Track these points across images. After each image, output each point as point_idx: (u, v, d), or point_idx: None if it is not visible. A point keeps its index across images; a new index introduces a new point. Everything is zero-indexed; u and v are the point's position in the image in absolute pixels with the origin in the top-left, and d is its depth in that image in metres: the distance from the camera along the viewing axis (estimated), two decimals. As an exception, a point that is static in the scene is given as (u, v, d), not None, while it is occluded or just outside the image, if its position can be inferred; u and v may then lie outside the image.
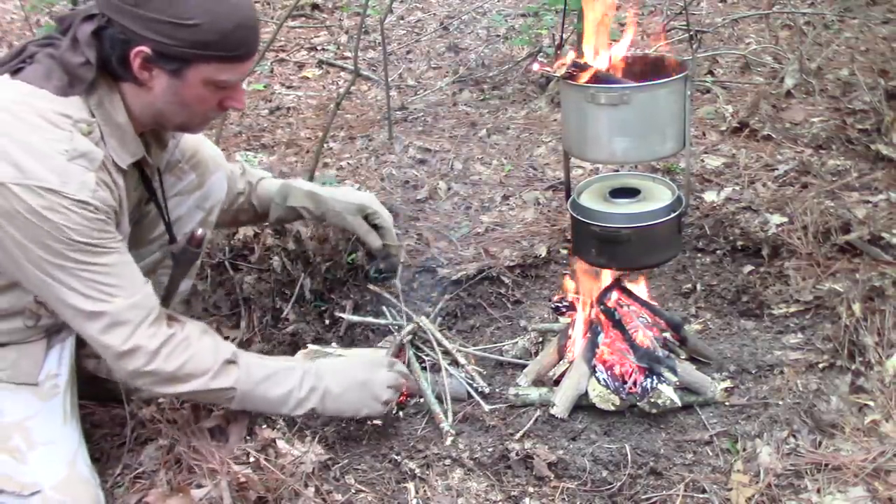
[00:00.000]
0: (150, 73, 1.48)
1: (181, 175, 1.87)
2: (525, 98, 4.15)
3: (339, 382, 1.76)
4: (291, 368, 1.73)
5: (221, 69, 1.49)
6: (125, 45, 1.44)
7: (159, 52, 1.44)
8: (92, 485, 1.58)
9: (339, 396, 1.74)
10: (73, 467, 1.55)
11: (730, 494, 1.69)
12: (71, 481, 1.53)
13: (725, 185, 2.88)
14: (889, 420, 1.83)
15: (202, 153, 1.90)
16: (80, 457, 1.59)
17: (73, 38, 1.47)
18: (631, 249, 1.90)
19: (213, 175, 1.91)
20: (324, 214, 2.02)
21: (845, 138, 3.12)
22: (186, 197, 1.88)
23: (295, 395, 1.70)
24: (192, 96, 1.52)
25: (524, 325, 2.42)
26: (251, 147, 3.65)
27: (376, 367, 1.83)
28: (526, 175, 3.25)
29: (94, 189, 1.45)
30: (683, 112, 1.83)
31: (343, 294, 2.54)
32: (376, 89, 4.46)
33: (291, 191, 2.03)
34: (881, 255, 2.33)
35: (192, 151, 1.88)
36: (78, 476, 1.55)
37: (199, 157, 1.89)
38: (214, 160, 1.93)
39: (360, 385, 1.77)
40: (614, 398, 1.93)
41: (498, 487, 1.75)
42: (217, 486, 1.61)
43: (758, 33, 4.76)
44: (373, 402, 1.79)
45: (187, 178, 1.87)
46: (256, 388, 1.66)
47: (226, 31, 1.44)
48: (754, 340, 2.24)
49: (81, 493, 1.54)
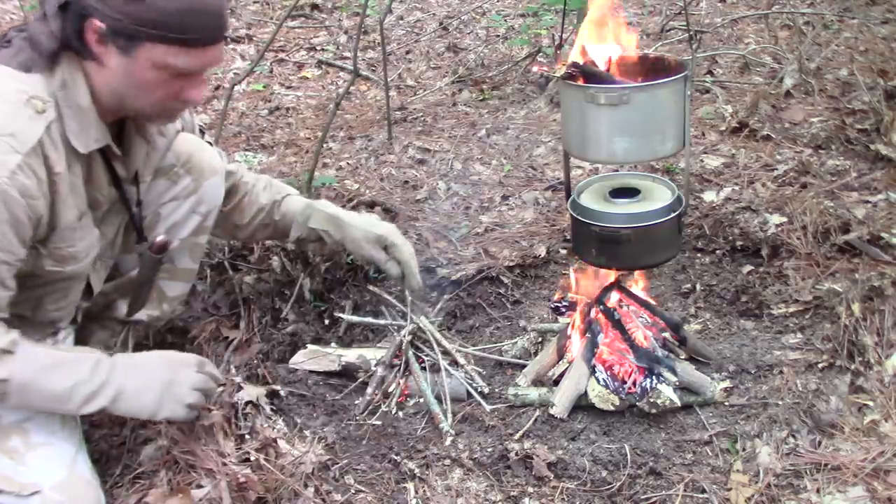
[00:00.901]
0: (104, 48, 1.45)
1: (176, 179, 1.84)
2: (524, 98, 4.15)
3: (137, 379, 1.56)
4: (81, 360, 1.54)
5: (170, 52, 1.44)
6: (82, 19, 1.42)
7: (111, 28, 1.41)
8: (93, 486, 1.57)
9: (135, 395, 1.55)
10: (73, 468, 1.55)
11: (729, 494, 1.70)
12: (71, 482, 1.52)
13: (725, 185, 2.88)
14: (888, 420, 1.83)
15: (198, 157, 1.87)
16: (80, 458, 1.59)
17: (43, 12, 1.45)
18: (631, 249, 1.91)
19: (209, 180, 1.88)
20: (343, 240, 1.99)
21: (844, 138, 3.12)
22: (182, 202, 1.86)
23: (82, 390, 1.50)
24: (145, 79, 1.47)
25: (524, 326, 2.42)
26: (250, 147, 3.65)
27: (183, 367, 1.64)
28: (525, 175, 3.25)
29: (13, 172, 1.38)
30: (683, 112, 1.83)
31: (342, 294, 2.54)
32: (376, 89, 4.46)
33: (315, 212, 2.00)
34: (880, 255, 2.33)
35: (188, 155, 1.85)
36: (78, 477, 1.55)
37: (194, 161, 1.85)
38: (211, 165, 1.89)
39: (163, 385, 1.59)
40: (614, 398, 1.93)
41: (497, 487, 1.76)
42: (217, 486, 1.61)
43: (757, 33, 4.76)
44: (175, 405, 1.60)
45: (182, 182, 1.85)
46: (36, 379, 1.47)
47: (173, 12, 1.40)
48: (754, 340, 2.24)
49: (82, 493, 1.53)
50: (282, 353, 2.27)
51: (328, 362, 2.19)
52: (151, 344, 2.19)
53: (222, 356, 2.14)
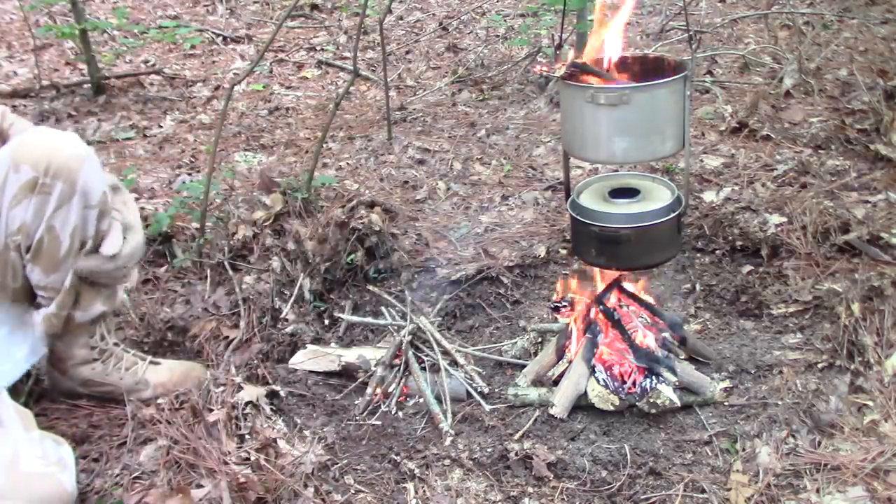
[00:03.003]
0: None
1: (49, 190, 1.67)
2: (524, 98, 4.16)
3: None
4: None
5: None
6: None
7: None
8: (48, 475, 1.52)
9: None
10: (16, 467, 1.50)
11: (729, 494, 1.70)
12: (17, 483, 1.48)
13: (724, 186, 2.88)
14: (888, 420, 1.83)
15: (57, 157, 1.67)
16: (23, 454, 1.53)
17: None
18: (630, 249, 1.91)
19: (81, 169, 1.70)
20: None
21: (844, 138, 3.13)
22: (68, 207, 1.70)
23: None
24: None
25: (523, 326, 2.42)
26: (250, 147, 3.65)
27: None
28: (525, 175, 3.25)
29: None
30: (683, 112, 1.83)
31: (342, 294, 2.54)
32: (375, 89, 4.46)
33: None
34: (880, 255, 2.33)
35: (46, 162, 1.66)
36: (24, 475, 1.50)
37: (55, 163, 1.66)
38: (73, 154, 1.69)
39: None
40: (613, 398, 1.93)
41: (497, 487, 1.76)
42: (217, 486, 1.61)
43: (757, 33, 4.76)
44: None
45: (56, 189, 1.67)
46: None
47: None
48: (753, 340, 2.24)
49: (35, 489, 1.49)
50: (282, 353, 2.27)
51: (328, 362, 2.19)
52: (151, 342, 2.20)
53: (222, 356, 2.14)
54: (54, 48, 5.04)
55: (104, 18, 5.55)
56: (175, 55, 5.15)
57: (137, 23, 5.49)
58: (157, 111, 4.19)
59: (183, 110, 4.20)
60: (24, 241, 1.70)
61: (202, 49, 5.21)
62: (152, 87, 4.56)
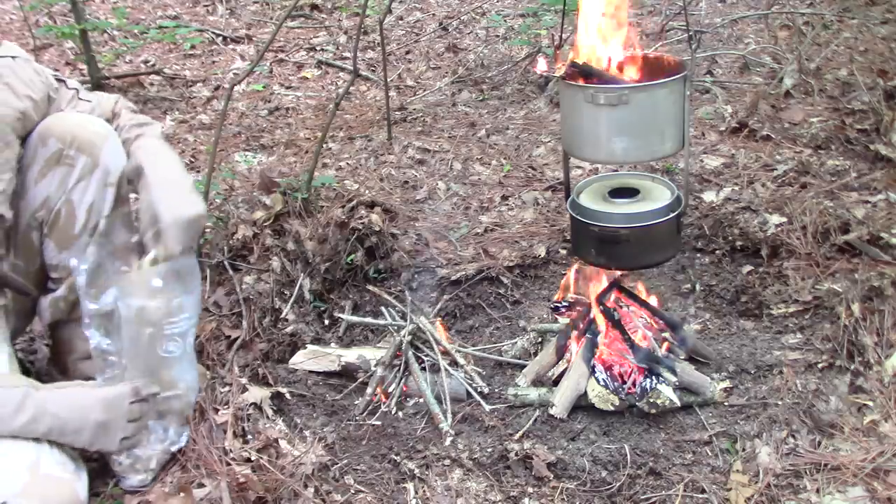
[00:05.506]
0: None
1: (72, 162, 1.75)
2: (524, 98, 4.16)
3: (69, 419, 1.56)
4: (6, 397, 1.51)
5: None
6: None
7: None
8: (65, 482, 1.52)
9: (64, 434, 1.55)
10: (37, 470, 1.49)
11: (729, 494, 1.70)
12: (36, 484, 1.47)
13: (724, 186, 2.88)
14: (888, 420, 1.83)
15: (82, 131, 1.76)
16: (43, 457, 1.53)
17: None
18: (630, 249, 1.91)
19: (104, 146, 1.77)
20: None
21: (844, 138, 3.12)
22: (88, 181, 1.76)
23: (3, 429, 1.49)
24: None
25: (523, 326, 2.42)
26: (250, 147, 3.65)
27: (116, 404, 1.62)
28: (525, 175, 3.25)
29: None
30: (682, 112, 1.83)
31: (342, 294, 2.54)
32: (375, 90, 4.46)
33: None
34: (880, 255, 2.33)
35: (71, 136, 1.75)
36: (44, 477, 1.50)
37: (80, 137, 1.75)
38: (99, 133, 1.78)
39: (97, 426, 1.59)
40: (613, 398, 1.93)
41: (497, 488, 1.76)
42: (217, 486, 1.61)
43: (757, 33, 4.76)
44: (109, 443, 1.62)
45: (80, 162, 1.75)
46: None
47: None
48: (753, 340, 2.24)
49: (52, 492, 1.49)
50: (282, 353, 2.27)
51: (328, 362, 2.19)
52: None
53: (224, 355, 2.13)
54: (54, 48, 5.04)
55: (104, 18, 5.55)
56: (175, 55, 5.15)
57: (137, 23, 5.49)
58: (157, 111, 4.19)
59: (183, 110, 4.20)
60: (45, 215, 1.76)
61: (202, 49, 5.20)
62: (152, 88, 4.56)
